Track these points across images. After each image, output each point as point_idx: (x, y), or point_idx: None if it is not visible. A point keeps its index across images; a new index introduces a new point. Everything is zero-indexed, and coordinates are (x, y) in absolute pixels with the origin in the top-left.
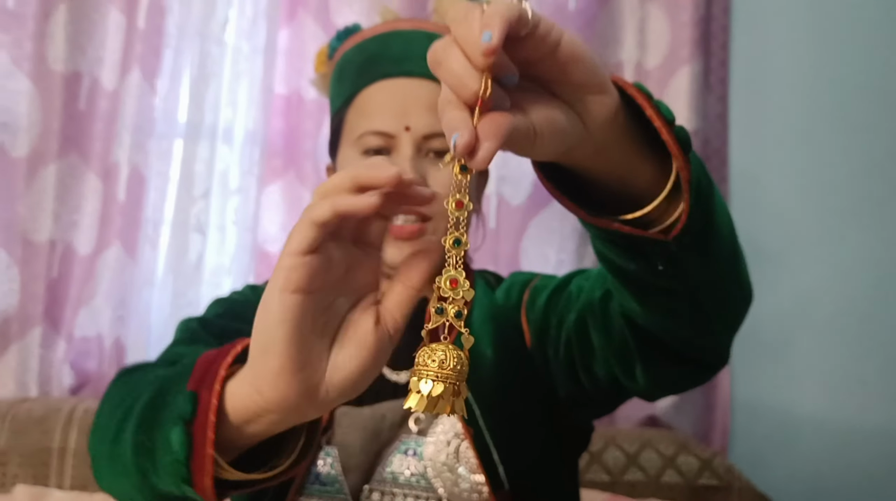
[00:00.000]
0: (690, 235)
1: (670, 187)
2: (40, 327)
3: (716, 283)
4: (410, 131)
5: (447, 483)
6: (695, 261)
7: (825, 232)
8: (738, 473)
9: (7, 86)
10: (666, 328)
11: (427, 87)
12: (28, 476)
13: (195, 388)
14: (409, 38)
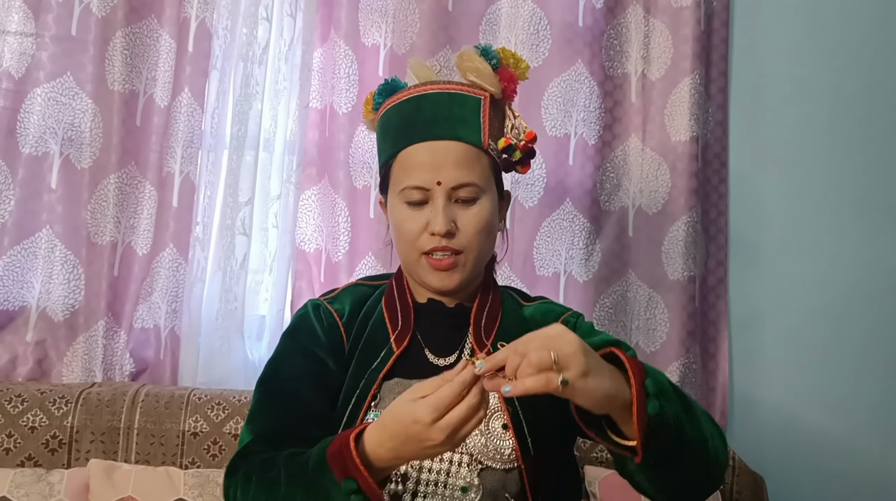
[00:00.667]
0: (652, 461)
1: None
2: (104, 320)
3: (678, 490)
4: (441, 185)
5: (477, 445)
6: (658, 477)
7: (819, 230)
8: (732, 453)
9: (72, 105)
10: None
11: (453, 147)
12: (99, 452)
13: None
14: (436, 102)
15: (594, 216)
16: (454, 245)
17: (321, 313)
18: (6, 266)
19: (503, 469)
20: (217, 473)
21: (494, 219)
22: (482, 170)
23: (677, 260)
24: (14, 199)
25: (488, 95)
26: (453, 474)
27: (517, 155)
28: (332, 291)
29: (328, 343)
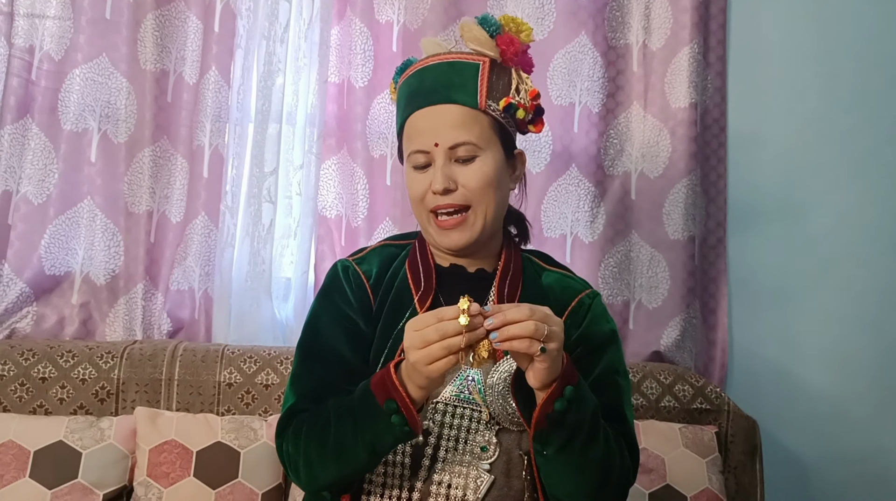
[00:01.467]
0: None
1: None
2: (142, 283)
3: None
4: (439, 146)
5: (498, 408)
6: (548, 476)
7: (816, 190)
8: (727, 399)
9: (108, 84)
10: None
11: (449, 110)
12: (143, 401)
13: (386, 397)
14: (436, 72)
15: (598, 180)
16: (457, 200)
17: (349, 275)
18: (52, 235)
19: (518, 431)
20: (251, 419)
21: (500, 176)
22: (480, 129)
23: (678, 220)
24: (58, 173)
25: (488, 60)
26: (472, 432)
27: (521, 113)
28: (362, 250)
29: (358, 304)
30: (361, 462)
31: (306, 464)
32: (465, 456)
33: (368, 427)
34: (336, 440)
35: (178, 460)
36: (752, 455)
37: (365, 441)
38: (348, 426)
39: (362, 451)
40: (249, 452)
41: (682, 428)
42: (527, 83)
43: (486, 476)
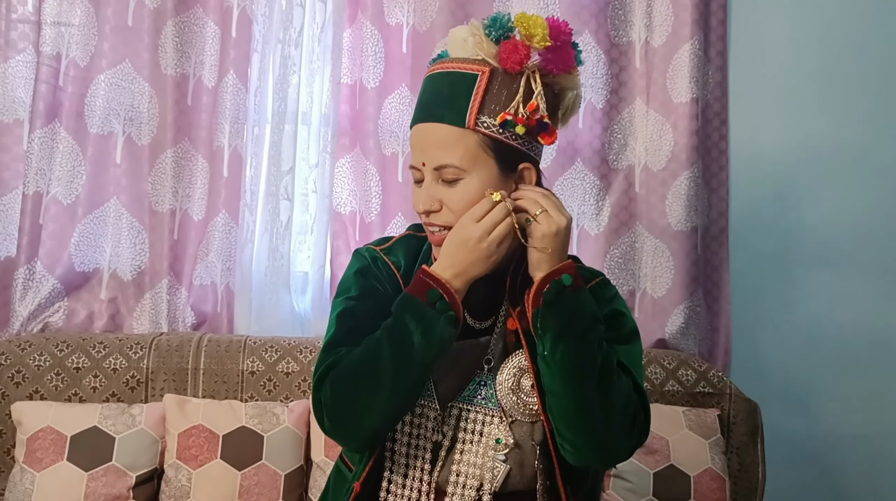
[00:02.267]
0: (545, 354)
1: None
2: (167, 278)
3: (560, 404)
4: (426, 166)
5: (510, 402)
6: (546, 376)
7: (815, 181)
8: (729, 382)
9: (131, 88)
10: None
11: (434, 129)
12: (171, 389)
13: (427, 289)
14: (434, 84)
15: (603, 174)
16: (439, 221)
17: (379, 264)
18: (81, 233)
19: (530, 422)
20: (272, 405)
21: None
22: (465, 150)
23: (681, 212)
24: (85, 174)
25: (487, 70)
26: (487, 426)
27: (520, 129)
28: (386, 241)
29: (392, 290)
30: (417, 365)
31: (352, 400)
32: (480, 449)
33: (417, 326)
34: (390, 348)
35: (205, 444)
36: (753, 435)
37: (416, 339)
38: (385, 340)
39: (417, 352)
40: (272, 436)
41: (685, 411)
42: (539, 94)
43: (501, 466)
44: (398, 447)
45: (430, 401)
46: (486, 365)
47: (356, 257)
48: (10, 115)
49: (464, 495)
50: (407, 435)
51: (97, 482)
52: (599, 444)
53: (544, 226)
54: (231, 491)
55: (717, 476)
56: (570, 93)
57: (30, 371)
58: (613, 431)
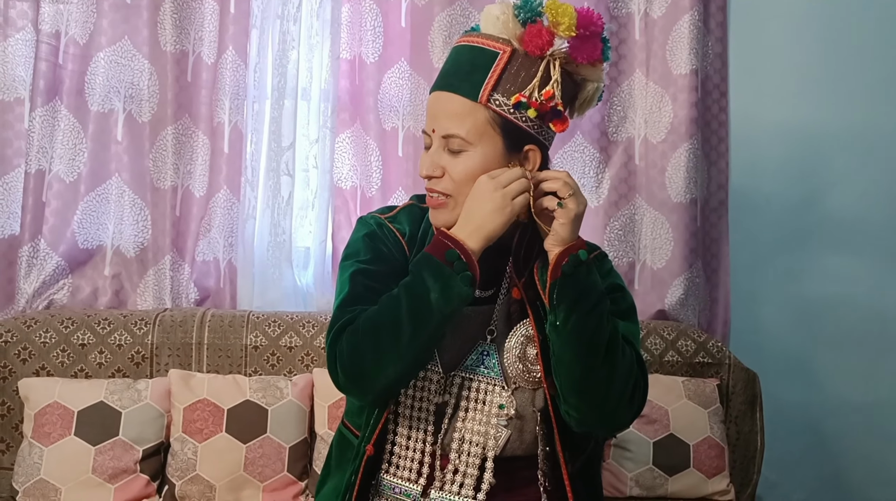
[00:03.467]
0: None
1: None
2: (169, 255)
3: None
4: (435, 133)
5: (515, 370)
6: (558, 345)
7: (815, 150)
8: (729, 352)
9: (131, 65)
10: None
11: (449, 99)
12: (176, 364)
13: (445, 249)
14: (459, 55)
15: (603, 146)
16: (438, 187)
17: (385, 231)
18: (84, 210)
19: (531, 389)
20: (276, 379)
21: (488, 169)
22: (474, 124)
23: (680, 184)
24: (87, 152)
25: (508, 50)
26: (490, 393)
27: (532, 113)
28: (391, 210)
29: (398, 255)
30: (434, 321)
31: (370, 353)
32: (483, 416)
33: (435, 283)
34: (409, 303)
35: (210, 417)
36: (752, 404)
37: (434, 296)
38: (403, 297)
39: (435, 309)
40: (276, 409)
41: (684, 381)
42: (556, 80)
43: (503, 431)
44: (402, 409)
45: (434, 366)
46: (490, 336)
47: (362, 223)
48: (10, 94)
49: (468, 460)
50: (411, 399)
51: (104, 455)
52: (603, 411)
53: (575, 208)
54: (236, 464)
55: (716, 445)
56: (591, 85)
57: (36, 347)
58: (617, 399)
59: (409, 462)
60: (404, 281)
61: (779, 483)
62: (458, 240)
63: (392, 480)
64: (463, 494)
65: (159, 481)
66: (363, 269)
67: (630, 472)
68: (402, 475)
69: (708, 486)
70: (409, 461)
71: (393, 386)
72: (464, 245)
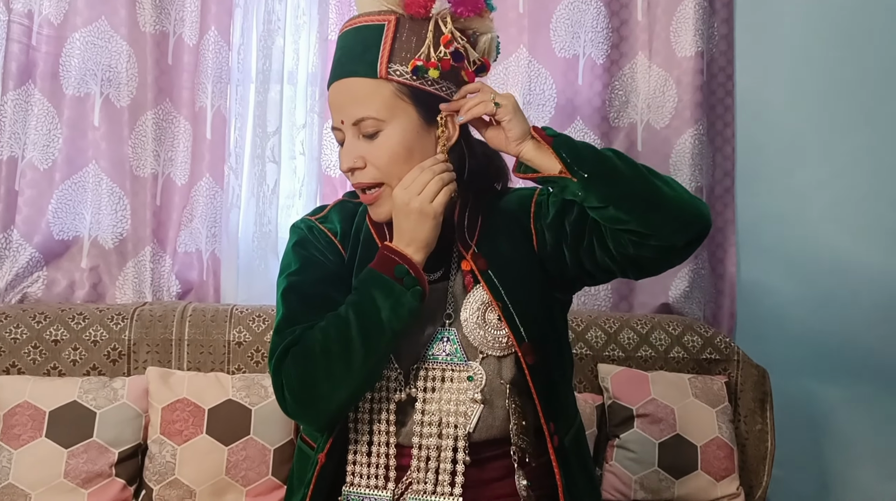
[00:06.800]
0: (582, 175)
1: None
2: (150, 246)
3: (630, 199)
4: (345, 123)
5: (478, 337)
6: (600, 188)
7: (824, 136)
8: (737, 348)
9: (108, 47)
10: (621, 229)
11: (348, 84)
12: (155, 361)
13: (393, 265)
14: (345, 41)
15: (604, 132)
16: (365, 179)
17: (315, 233)
18: (59, 200)
19: (498, 357)
20: (261, 376)
21: (411, 145)
22: (381, 100)
23: (685, 171)
24: (62, 138)
25: (394, 18)
26: (456, 371)
27: (434, 73)
28: (321, 210)
29: (332, 256)
30: (386, 339)
31: (320, 376)
32: (450, 394)
33: (385, 301)
34: (358, 323)
35: (190, 418)
36: (761, 402)
37: (385, 314)
38: (351, 316)
39: (386, 327)
40: (260, 409)
41: (691, 379)
42: (453, 33)
43: (475, 406)
44: (360, 414)
45: (391, 363)
46: (448, 320)
47: (293, 231)
48: None
49: (439, 449)
50: (368, 402)
51: (77, 459)
52: (686, 205)
53: (507, 101)
54: (218, 467)
55: (725, 445)
56: (485, 38)
57: (6, 344)
58: (684, 190)
59: (373, 468)
60: (351, 300)
61: (786, 479)
62: (405, 254)
63: (359, 491)
64: (439, 492)
65: (136, 485)
66: (293, 284)
67: (635, 475)
68: (369, 483)
69: (717, 489)
70: (372, 467)
71: (345, 408)
72: (411, 258)
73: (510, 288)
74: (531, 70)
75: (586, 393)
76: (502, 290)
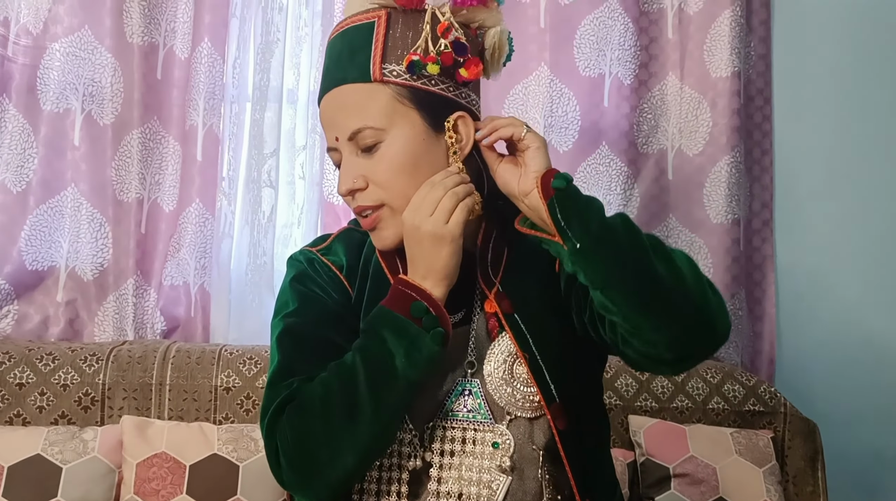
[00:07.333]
0: (574, 245)
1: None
2: (133, 278)
3: (620, 287)
4: (339, 140)
5: (505, 395)
6: (590, 264)
7: (869, 165)
8: (783, 399)
9: (91, 59)
10: (606, 315)
11: (339, 93)
12: (132, 408)
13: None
14: (331, 49)
15: (631, 159)
16: (367, 201)
17: (317, 267)
18: (33, 226)
19: (528, 418)
20: (251, 427)
21: (417, 155)
22: (378, 107)
23: (720, 202)
24: (38, 158)
25: (384, 14)
26: (480, 431)
27: (433, 68)
28: (324, 240)
29: (336, 294)
30: (400, 391)
31: (322, 438)
32: (474, 460)
33: (399, 346)
34: (367, 372)
35: (169, 475)
36: (812, 460)
37: (399, 361)
38: (359, 364)
39: (401, 377)
40: (249, 465)
41: (733, 433)
42: (450, 20)
43: (501, 477)
44: (367, 485)
45: (404, 423)
46: (470, 369)
47: (290, 264)
48: None
49: None
50: (377, 470)
51: None
52: (685, 312)
53: (537, 141)
54: None
55: None
56: (494, 31)
57: None
58: (695, 288)
59: None
60: (359, 344)
61: None
62: (423, 288)
63: None
64: None
65: None
66: (290, 327)
67: None
68: None
69: None
70: None
71: (352, 477)
72: (430, 294)
73: (539, 336)
74: (553, 90)
75: (616, 448)
76: (530, 339)
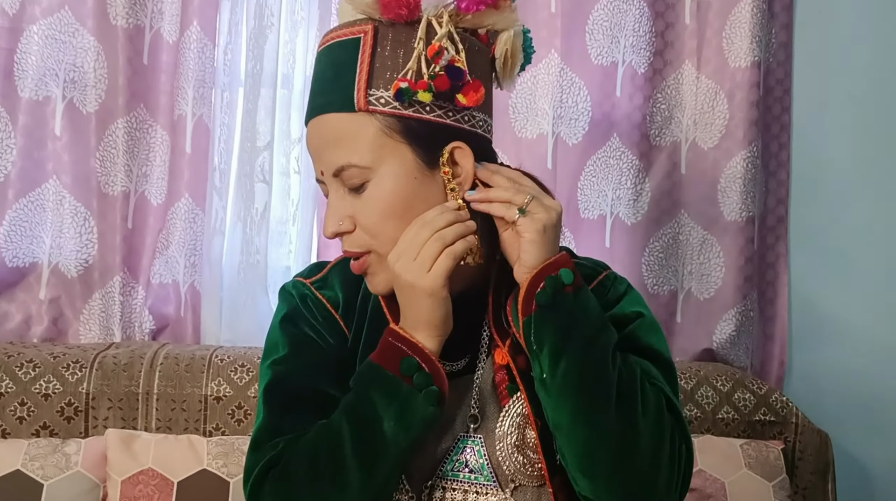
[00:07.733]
0: (540, 375)
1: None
2: (120, 275)
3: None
4: (325, 175)
5: (514, 464)
6: (551, 405)
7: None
8: (795, 409)
9: (72, 42)
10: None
11: (323, 123)
12: (117, 419)
13: (401, 357)
14: (317, 66)
15: (643, 152)
16: (353, 246)
17: (310, 304)
18: (12, 220)
19: (535, 486)
20: (242, 440)
21: (408, 195)
22: (364, 142)
23: (735, 198)
24: (16, 149)
25: (371, 28)
26: (482, 489)
27: (424, 96)
28: (320, 269)
29: (330, 336)
30: (391, 458)
31: None
32: None
33: (389, 408)
34: (354, 439)
35: (156, 493)
36: (823, 474)
37: (388, 425)
38: (344, 425)
39: (390, 441)
40: (240, 482)
41: (743, 445)
42: (445, 40)
43: None
44: None
45: (399, 484)
46: (472, 424)
47: (282, 297)
48: None
49: None
50: None
51: None
52: (630, 490)
53: (543, 214)
54: None
55: None
56: (506, 35)
57: None
58: (646, 472)
59: None
60: (347, 403)
61: None
62: (414, 341)
63: None
64: None
65: None
66: (278, 377)
67: None
68: None
69: None
70: None
71: None
72: (422, 347)
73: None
74: (563, 79)
75: None
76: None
